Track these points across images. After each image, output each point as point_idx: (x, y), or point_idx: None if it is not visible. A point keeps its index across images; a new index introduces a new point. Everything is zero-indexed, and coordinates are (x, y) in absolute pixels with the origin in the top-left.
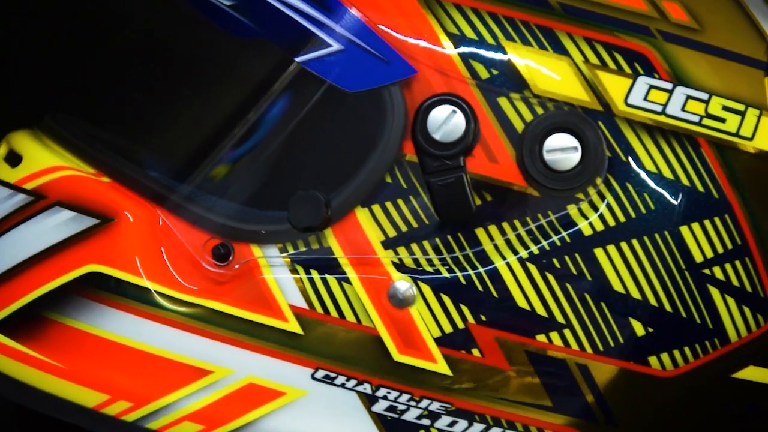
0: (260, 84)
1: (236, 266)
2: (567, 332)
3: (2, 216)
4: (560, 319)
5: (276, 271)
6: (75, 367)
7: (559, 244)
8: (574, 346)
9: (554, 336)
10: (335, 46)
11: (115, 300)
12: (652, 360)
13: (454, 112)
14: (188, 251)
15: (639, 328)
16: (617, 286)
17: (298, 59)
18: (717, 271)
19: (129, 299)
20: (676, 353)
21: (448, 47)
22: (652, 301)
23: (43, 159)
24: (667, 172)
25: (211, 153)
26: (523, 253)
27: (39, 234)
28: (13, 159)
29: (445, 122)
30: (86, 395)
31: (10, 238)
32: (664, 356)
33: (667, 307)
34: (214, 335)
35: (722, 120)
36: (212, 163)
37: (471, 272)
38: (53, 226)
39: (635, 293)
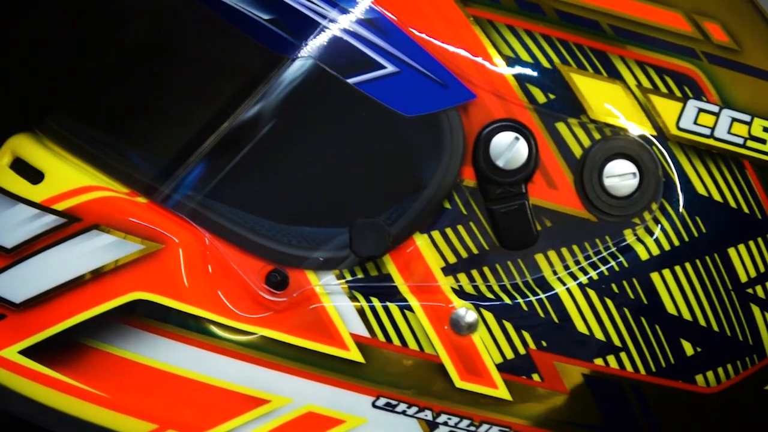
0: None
1: (294, 294)
2: (623, 355)
3: (30, 237)
4: (617, 342)
5: (335, 299)
6: (120, 396)
7: (617, 269)
8: (628, 368)
9: (611, 359)
10: (390, 68)
11: (164, 328)
12: (699, 378)
13: (517, 138)
14: (239, 277)
15: (689, 348)
16: (671, 309)
17: (350, 81)
18: (759, 290)
19: (179, 327)
20: (720, 370)
21: (504, 70)
22: (701, 322)
23: (71, 178)
24: (716, 195)
25: (250, 170)
26: (583, 279)
27: (76, 258)
28: (25, 170)
29: (508, 149)
30: (132, 425)
31: (41, 261)
32: (709, 374)
33: (715, 327)
34: (270, 364)
35: (764, 141)
36: (255, 182)
37: (532, 298)
38: (92, 251)
39: (686, 315)
